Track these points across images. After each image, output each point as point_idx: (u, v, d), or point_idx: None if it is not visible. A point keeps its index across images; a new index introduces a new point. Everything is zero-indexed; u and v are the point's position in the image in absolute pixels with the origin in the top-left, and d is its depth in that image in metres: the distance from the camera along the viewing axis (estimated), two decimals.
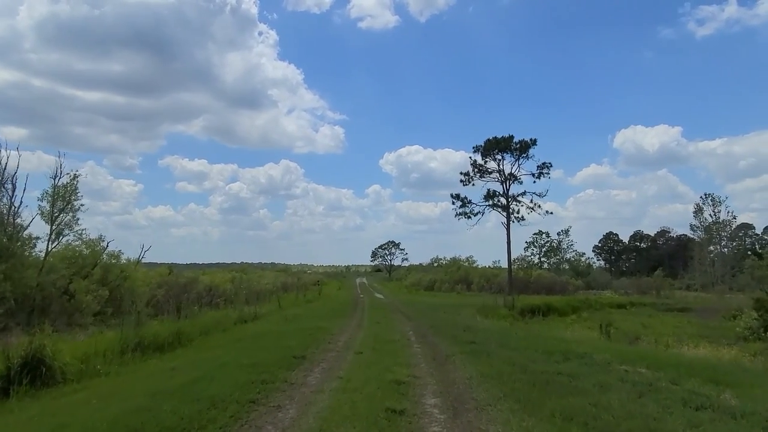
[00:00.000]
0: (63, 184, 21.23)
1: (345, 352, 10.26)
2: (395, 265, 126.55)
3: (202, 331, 15.43)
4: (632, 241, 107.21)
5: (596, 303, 35.15)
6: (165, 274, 27.65)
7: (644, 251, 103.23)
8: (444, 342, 11.49)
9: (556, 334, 14.06)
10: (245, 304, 26.75)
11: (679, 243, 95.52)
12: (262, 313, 20.87)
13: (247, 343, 11.89)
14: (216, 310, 21.84)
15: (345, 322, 17.17)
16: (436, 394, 6.57)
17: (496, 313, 25.53)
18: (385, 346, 10.80)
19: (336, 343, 11.71)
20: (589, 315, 28.78)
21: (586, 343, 11.36)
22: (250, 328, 16.02)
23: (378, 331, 13.87)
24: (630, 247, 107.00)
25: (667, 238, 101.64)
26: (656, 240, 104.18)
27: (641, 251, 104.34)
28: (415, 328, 15.52)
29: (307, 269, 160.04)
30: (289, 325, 15.57)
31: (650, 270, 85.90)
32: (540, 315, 27.44)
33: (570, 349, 9.74)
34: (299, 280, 62.72)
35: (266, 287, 42.77)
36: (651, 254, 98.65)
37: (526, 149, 47.75)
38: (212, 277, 30.63)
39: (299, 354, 9.69)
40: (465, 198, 49.60)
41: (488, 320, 20.41)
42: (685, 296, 51.18)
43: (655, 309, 35.72)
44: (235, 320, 18.53)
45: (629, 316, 29.60)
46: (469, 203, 49.29)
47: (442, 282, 59.79)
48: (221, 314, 18.74)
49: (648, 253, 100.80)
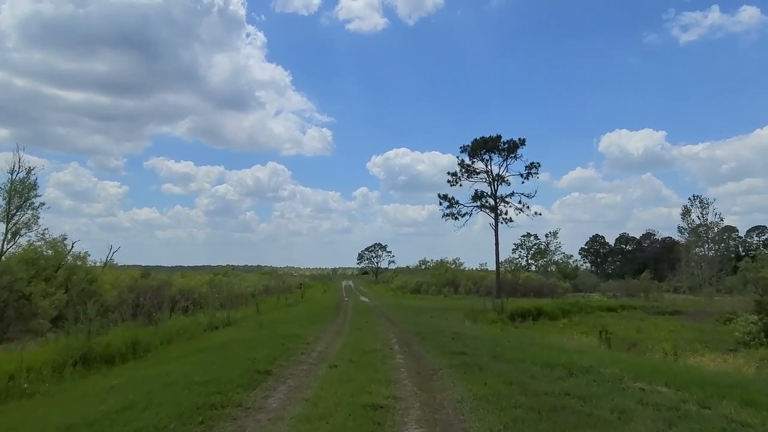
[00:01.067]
0: (20, 178, 19.72)
1: (318, 365, 9.01)
2: (382, 267, 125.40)
3: (165, 339, 14.07)
4: (618, 243, 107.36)
5: (586, 306, 34.29)
6: (136, 277, 26.07)
7: (629, 254, 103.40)
8: (430, 352, 10.29)
9: (551, 342, 12.93)
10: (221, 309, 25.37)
11: (664, 246, 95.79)
12: (236, 318, 19.49)
13: (210, 354, 10.56)
14: (188, 316, 20.37)
15: (324, 329, 15.89)
16: (420, 424, 5.36)
17: (485, 317, 24.44)
18: (364, 358, 9.56)
19: (310, 353, 10.45)
20: (580, 319, 27.86)
21: (588, 354, 10.24)
22: (219, 335, 14.67)
23: (358, 339, 12.62)
24: (616, 249, 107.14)
25: (653, 241, 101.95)
26: (641, 242, 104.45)
27: (626, 254, 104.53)
28: (400, 334, 14.31)
29: (294, 272, 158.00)
30: (261, 332, 14.25)
31: (636, 272, 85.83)
32: (530, 319, 26.43)
33: (572, 361, 8.60)
34: (284, 283, 61.12)
35: (247, 290, 41.24)
36: (636, 257, 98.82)
37: (515, 149, 46.91)
38: (188, 280, 29.07)
39: (264, 368, 8.41)
40: (452, 198, 48.61)
41: (477, 325, 19.28)
42: (673, 299, 50.75)
43: (646, 312, 35.01)
44: (206, 327, 17.16)
45: (621, 320, 28.74)
46: (456, 204, 48.30)
47: (429, 285, 58.64)
48: (191, 320, 17.35)
49: (633, 255, 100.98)
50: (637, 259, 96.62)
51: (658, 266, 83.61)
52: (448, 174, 48.61)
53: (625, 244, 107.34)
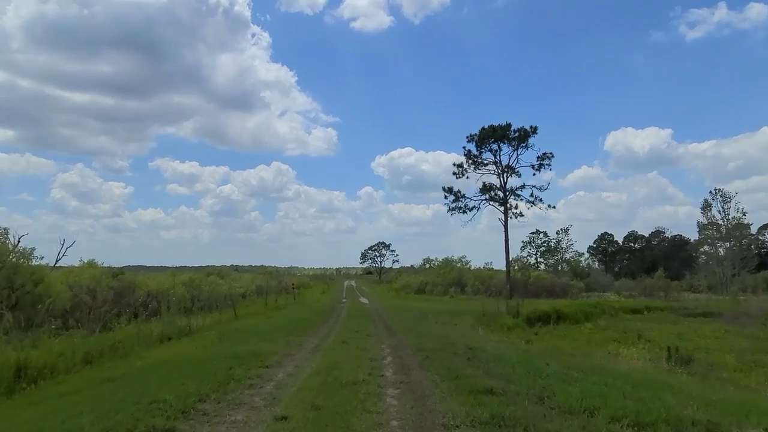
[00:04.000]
0: None
1: (259, 414, 5.66)
2: (386, 267, 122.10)
3: (92, 356, 10.75)
4: (626, 241, 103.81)
5: (609, 308, 30.72)
6: (98, 277, 22.76)
7: (638, 252, 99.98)
8: (440, 386, 6.91)
9: (603, 365, 9.51)
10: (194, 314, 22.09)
11: (674, 244, 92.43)
12: (203, 325, 16.17)
13: (111, 388, 7.21)
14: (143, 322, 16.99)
15: (301, 342, 12.54)
16: None
17: (500, 322, 21.02)
18: (336, 399, 6.19)
19: (260, 387, 7.08)
20: (606, 323, 24.37)
21: (675, 389, 6.83)
22: (162, 352, 11.33)
23: (339, 361, 9.24)
24: (624, 248, 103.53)
25: (662, 239, 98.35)
26: (651, 240, 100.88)
27: (635, 252, 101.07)
28: (397, 350, 10.93)
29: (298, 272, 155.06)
30: (215, 349, 10.90)
31: (645, 271, 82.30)
32: (550, 323, 22.99)
33: (672, 411, 5.21)
34: (280, 283, 57.84)
35: (236, 291, 37.96)
36: (645, 255, 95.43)
37: (526, 138, 43.35)
38: (161, 281, 25.75)
39: (167, 425, 5.06)
40: (458, 192, 45.17)
41: (494, 335, 15.92)
42: (695, 299, 47.04)
43: (675, 314, 31.44)
44: (157, 337, 13.85)
45: (652, 323, 25.22)
46: (462, 197, 44.86)
47: (434, 284, 55.08)
48: (141, 329, 14.00)
49: (642, 254, 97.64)
50: (645, 258, 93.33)
51: (668, 265, 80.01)
52: (454, 165, 45.15)
53: (633, 242, 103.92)
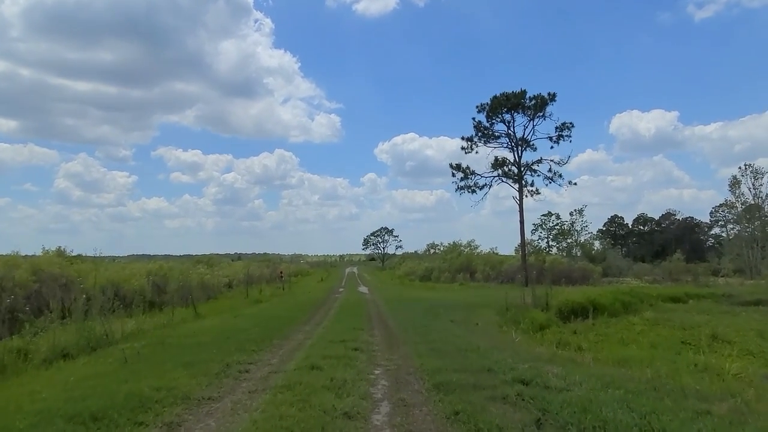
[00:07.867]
0: None
1: None
2: (389, 253, 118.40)
3: None
4: (636, 224, 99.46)
5: (646, 296, 26.57)
6: (40, 267, 18.75)
7: (647, 235, 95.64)
8: None
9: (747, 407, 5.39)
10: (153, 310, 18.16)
11: (685, 226, 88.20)
12: (132, 331, 12.08)
13: None
14: (66, 325, 12.95)
15: (250, 366, 8.42)
16: None
17: (529, 317, 16.89)
18: None
19: None
20: (654, 315, 20.20)
21: None
22: (24, 386, 7.20)
23: (292, 416, 5.07)
24: (634, 231, 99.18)
25: (671, 222, 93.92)
26: (661, 223, 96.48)
27: (644, 235, 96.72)
28: (399, 388, 6.81)
29: (301, 259, 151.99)
30: (109, 382, 6.76)
31: (654, 255, 78.11)
32: (588, 317, 18.88)
33: None
34: (275, 271, 54.00)
35: (221, 281, 33.99)
36: (655, 238, 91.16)
37: (543, 106, 38.82)
38: (121, 271, 21.69)
39: None
40: (467, 168, 40.83)
41: (532, 339, 11.80)
42: (730, 284, 42.72)
43: (722, 302, 27.26)
44: (46, 355, 9.75)
45: (705, 315, 21.05)
46: (472, 174, 40.53)
47: (440, 271, 50.97)
48: (29, 343, 9.93)
49: (651, 237, 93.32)
50: (656, 241, 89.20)
51: (678, 247, 75.94)
52: (463, 139, 40.79)
53: (643, 225, 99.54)
